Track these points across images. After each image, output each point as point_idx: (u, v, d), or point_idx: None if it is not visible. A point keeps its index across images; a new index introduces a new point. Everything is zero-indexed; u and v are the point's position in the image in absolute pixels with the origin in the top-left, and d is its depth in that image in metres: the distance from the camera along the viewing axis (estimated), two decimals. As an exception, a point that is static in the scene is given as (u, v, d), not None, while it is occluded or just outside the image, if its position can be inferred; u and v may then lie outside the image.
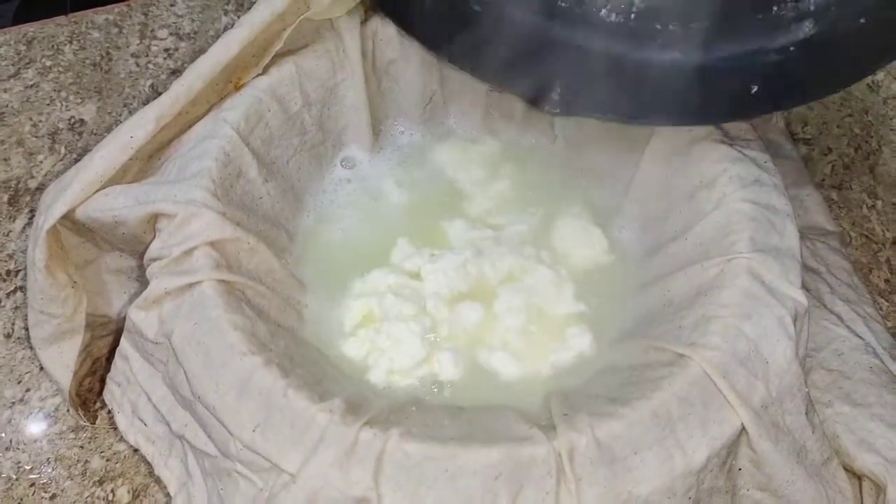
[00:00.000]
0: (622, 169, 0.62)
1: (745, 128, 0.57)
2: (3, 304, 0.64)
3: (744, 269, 0.49)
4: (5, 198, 0.70)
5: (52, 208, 0.53)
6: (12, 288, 0.65)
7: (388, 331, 0.54)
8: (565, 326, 0.56)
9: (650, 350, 0.49)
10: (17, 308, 0.64)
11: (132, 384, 0.52)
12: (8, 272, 0.66)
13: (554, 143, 0.67)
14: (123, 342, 0.52)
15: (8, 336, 0.63)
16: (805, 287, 0.50)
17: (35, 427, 0.59)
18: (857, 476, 0.50)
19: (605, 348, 0.55)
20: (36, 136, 0.74)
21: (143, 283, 0.53)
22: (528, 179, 0.67)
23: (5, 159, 0.72)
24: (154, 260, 0.50)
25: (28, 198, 0.70)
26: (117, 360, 0.53)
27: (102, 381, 0.57)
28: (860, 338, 0.56)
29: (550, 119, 0.66)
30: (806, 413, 0.47)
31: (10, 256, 0.67)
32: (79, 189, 0.52)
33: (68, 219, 0.53)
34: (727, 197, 0.53)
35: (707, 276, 0.51)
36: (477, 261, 0.59)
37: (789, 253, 0.50)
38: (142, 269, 0.53)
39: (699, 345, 0.46)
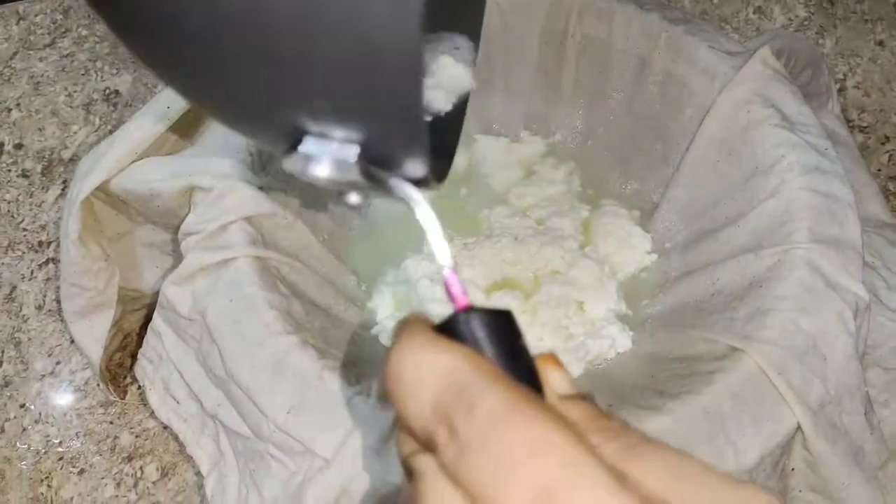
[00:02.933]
0: (669, 154, 0.59)
1: (804, 112, 0.54)
2: (35, 275, 0.63)
3: (802, 261, 0.47)
4: (39, 168, 0.69)
5: (87, 179, 0.52)
6: (44, 259, 0.64)
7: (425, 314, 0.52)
8: (606, 325, 0.54)
9: (700, 341, 0.47)
10: (48, 280, 0.63)
11: (164, 361, 0.51)
12: (40, 243, 0.65)
13: (594, 135, 0.65)
14: (156, 318, 0.51)
15: (39, 308, 0.62)
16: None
17: (64, 400, 0.58)
18: (914, 480, 0.48)
19: (646, 338, 0.53)
20: (70, 107, 0.73)
21: (177, 257, 0.52)
22: (572, 176, 0.64)
23: (40, 129, 0.72)
24: (189, 234, 0.49)
25: (62, 168, 0.69)
26: (150, 336, 0.52)
27: (133, 357, 0.56)
28: (919, 335, 0.53)
29: (588, 114, 0.64)
30: (864, 413, 0.45)
31: (43, 227, 0.66)
32: (114, 160, 0.51)
33: (102, 190, 0.52)
34: (785, 184, 0.50)
35: (761, 267, 0.48)
36: (514, 247, 0.57)
37: (850, 244, 0.48)
38: (176, 243, 0.52)
39: (754, 338, 0.44)
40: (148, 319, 0.54)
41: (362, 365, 0.48)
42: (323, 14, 0.20)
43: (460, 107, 0.32)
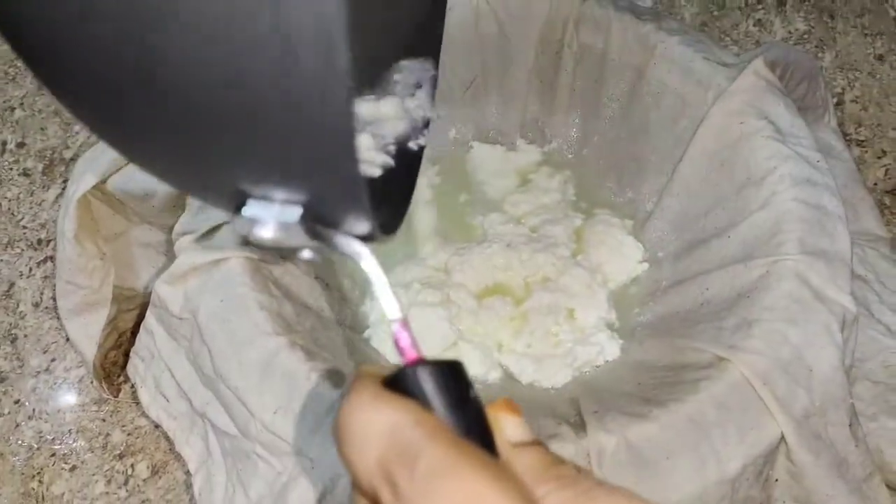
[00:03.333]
0: (663, 164, 0.60)
1: (797, 124, 0.54)
2: (33, 272, 0.64)
3: (791, 272, 0.47)
4: (40, 167, 0.70)
5: (84, 178, 0.52)
6: (43, 257, 0.65)
7: (415, 315, 0.53)
8: (596, 332, 0.54)
9: (687, 350, 0.47)
10: (46, 278, 0.64)
11: (156, 359, 0.51)
12: (39, 241, 0.66)
13: (589, 145, 0.65)
14: (149, 316, 0.51)
15: (36, 305, 0.62)
16: (853, 295, 0.48)
17: (58, 397, 0.59)
18: (900, 493, 0.48)
19: (635, 346, 0.53)
20: (73, 107, 0.74)
21: (172, 257, 0.52)
22: (566, 185, 0.65)
23: (42, 129, 0.72)
24: (182, 234, 0.49)
25: (63, 168, 0.70)
26: (142, 335, 0.52)
27: (127, 355, 0.57)
28: (909, 350, 0.53)
29: (584, 123, 0.64)
30: (850, 425, 0.45)
31: (42, 226, 0.67)
32: (111, 160, 0.52)
33: (100, 190, 0.53)
34: (776, 196, 0.50)
35: (750, 277, 0.49)
36: (505, 253, 0.57)
37: (839, 257, 0.48)
38: (171, 243, 0.53)
39: (740, 348, 0.44)
40: (143, 318, 0.54)
41: (352, 367, 0.48)
42: (251, 76, 0.20)
43: (413, 158, 0.31)
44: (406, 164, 0.31)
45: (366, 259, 0.25)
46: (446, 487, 0.19)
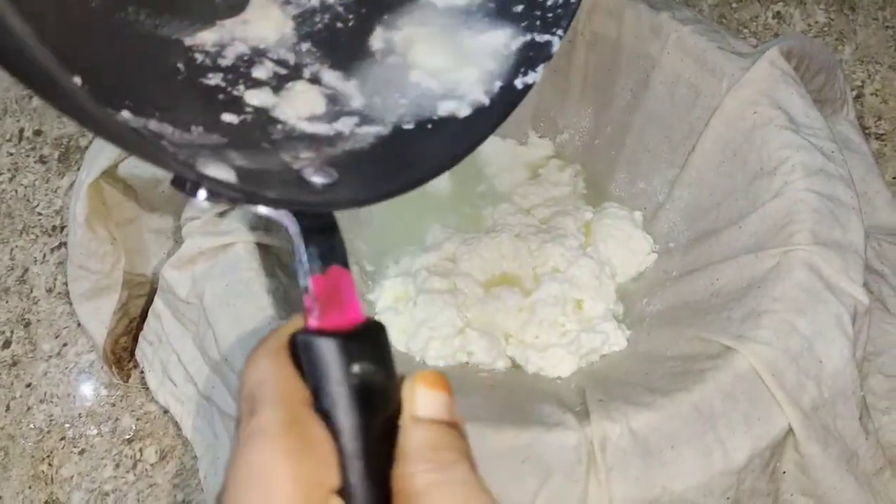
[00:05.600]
0: (676, 154, 0.59)
1: (812, 114, 0.53)
2: (47, 258, 0.65)
3: (802, 263, 0.46)
4: (56, 154, 0.70)
5: (95, 163, 0.52)
6: (57, 243, 0.65)
7: (422, 301, 0.52)
8: (602, 322, 0.53)
9: (695, 340, 0.47)
10: (60, 263, 0.64)
11: (164, 343, 0.51)
12: (54, 227, 0.66)
13: (602, 135, 0.64)
14: (157, 301, 0.52)
15: (49, 290, 0.63)
16: (867, 288, 0.47)
17: (69, 382, 0.59)
18: (911, 489, 0.47)
19: (643, 336, 0.52)
20: (90, 96, 0.74)
21: (182, 242, 0.53)
22: (576, 178, 0.64)
23: (59, 117, 0.73)
24: (190, 219, 0.50)
25: (78, 155, 0.70)
26: (150, 319, 0.53)
27: (137, 341, 0.57)
28: (924, 344, 0.52)
29: (596, 113, 0.64)
30: (860, 418, 0.44)
31: (57, 212, 0.67)
32: (122, 144, 0.52)
33: (111, 175, 0.53)
34: (789, 186, 0.50)
35: (761, 268, 0.48)
36: (514, 244, 0.57)
37: (852, 248, 0.47)
38: (181, 229, 0.53)
39: (748, 338, 0.44)
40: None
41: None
42: None
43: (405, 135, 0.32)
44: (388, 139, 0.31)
45: (289, 227, 0.26)
46: (243, 454, 0.23)
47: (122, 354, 0.59)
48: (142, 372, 0.58)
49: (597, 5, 0.60)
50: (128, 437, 0.57)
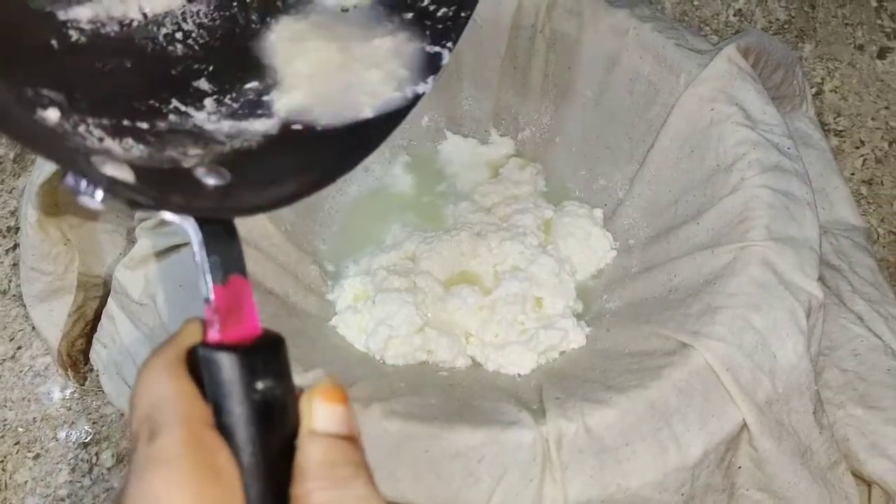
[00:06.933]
0: (635, 151, 0.59)
1: (769, 111, 0.54)
2: (1, 260, 0.64)
3: (757, 258, 0.46)
4: (11, 155, 0.69)
5: (48, 163, 0.52)
6: (11, 245, 0.64)
7: (381, 300, 0.52)
8: (560, 319, 0.53)
9: (653, 337, 0.47)
10: (14, 265, 0.63)
11: (118, 346, 0.51)
12: (8, 229, 0.65)
13: (563, 132, 0.64)
14: (110, 302, 0.51)
15: (3, 293, 0.62)
16: (824, 283, 0.47)
17: (24, 385, 0.58)
18: (865, 482, 0.47)
19: (602, 333, 0.52)
20: (46, 94, 0.73)
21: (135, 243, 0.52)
22: (537, 177, 0.64)
23: (14, 116, 0.72)
24: (143, 219, 0.49)
25: (34, 157, 0.69)
26: (104, 321, 0.52)
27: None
28: (879, 338, 0.53)
29: (557, 110, 0.64)
30: (814, 412, 0.45)
31: (12, 213, 0.66)
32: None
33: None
34: (745, 182, 0.50)
35: (717, 264, 0.48)
36: (473, 241, 0.56)
37: (807, 243, 0.48)
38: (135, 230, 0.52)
39: (703, 334, 0.44)
40: (107, 305, 0.54)
41: (314, 353, 0.48)
42: None
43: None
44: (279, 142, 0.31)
45: (192, 236, 0.26)
46: (141, 484, 0.22)
47: (78, 357, 0.58)
48: (98, 375, 0.57)
49: (556, 3, 0.59)
50: (84, 440, 0.56)
